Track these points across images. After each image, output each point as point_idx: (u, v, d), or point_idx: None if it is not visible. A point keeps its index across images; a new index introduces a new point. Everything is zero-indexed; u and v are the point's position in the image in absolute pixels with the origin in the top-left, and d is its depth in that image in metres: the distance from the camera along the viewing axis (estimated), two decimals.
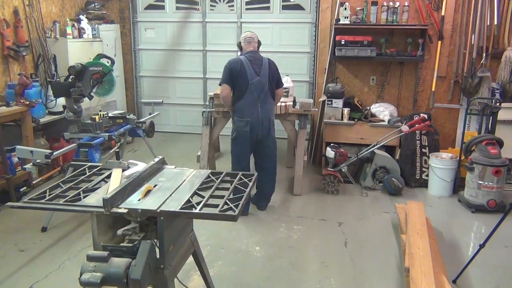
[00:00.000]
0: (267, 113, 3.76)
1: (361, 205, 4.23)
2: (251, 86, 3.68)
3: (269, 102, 3.79)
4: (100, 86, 3.94)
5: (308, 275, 2.99)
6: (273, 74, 3.78)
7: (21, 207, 1.95)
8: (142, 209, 1.83)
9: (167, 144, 6.26)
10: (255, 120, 3.71)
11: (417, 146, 4.78)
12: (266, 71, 3.72)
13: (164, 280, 1.89)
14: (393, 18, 4.87)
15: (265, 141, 3.85)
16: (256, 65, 3.71)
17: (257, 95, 3.70)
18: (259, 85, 3.70)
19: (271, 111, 3.82)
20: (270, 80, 3.74)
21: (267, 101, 3.75)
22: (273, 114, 3.88)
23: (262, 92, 3.71)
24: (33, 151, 3.26)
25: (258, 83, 3.69)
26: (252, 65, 3.69)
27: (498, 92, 4.79)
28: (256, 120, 3.72)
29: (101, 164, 2.44)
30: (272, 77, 3.76)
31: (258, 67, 3.70)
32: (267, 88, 3.73)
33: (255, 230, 3.65)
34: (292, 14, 6.11)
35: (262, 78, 3.70)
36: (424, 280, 2.49)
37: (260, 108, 3.72)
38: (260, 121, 3.73)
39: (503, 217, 2.72)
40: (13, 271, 2.94)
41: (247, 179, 2.24)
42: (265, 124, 3.76)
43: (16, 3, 4.70)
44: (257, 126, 3.74)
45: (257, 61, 3.72)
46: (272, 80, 3.78)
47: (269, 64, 3.77)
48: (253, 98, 3.69)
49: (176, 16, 6.46)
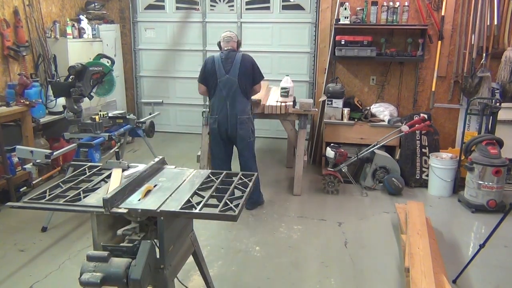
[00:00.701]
0: (234, 111, 3.75)
1: (361, 205, 4.23)
2: (220, 84, 3.73)
3: (239, 100, 3.76)
4: (100, 86, 3.94)
5: (308, 275, 2.99)
6: (245, 71, 3.73)
7: (21, 207, 1.95)
8: (142, 209, 1.83)
9: (167, 144, 6.26)
10: (223, 118, 3.77)
11: (417, 146, 4.78)
12: (236, 69, 3.70)
13: (164, 280, 1.89)
14: (393, 18, 4.87)
15: (235, 140, 3.87)
16: (228, 63, 3.72)
17: (225, 93, 3.73)
18: (228, 82, 3.71)
19: (240, 109, 3.77)
20: (240, 77, 3.71)
21: (236, 99, 3.75)
22: (244, 112, 3.80)
23: (231, 90, 3.72)
24: (33, 151, 3.26)
25: (226, 81, 3.71)
26: (223, 63, 3.71)
27: (498, 92, 4.79)
28: (224, 117, 3.76)
29: (101, 164, 2.44)
30: (244, 74, 3.73)
31: (228, 65, 3.71)
32: (236, 86, 3.72)
33: (255, 230, 3.65)
34: (292, 14, 6.11)
35: (231, 75, 3.70)
36: (424, 280, 2.49)
37: (229, 105, 3.74)
38: (227, 119, 3.76)
39: (503, 217, 2.72)
40: (13, 271, 2.94)
41: (247, 179, 2.25)
42: (232, 122, 3.77)
43: (16, 3, 4.70)
44: (225, 123, 3.78)
45: (229, 59, 3.72)
46: (245, 78, 3.74)
47: (241, 61, 3.73)
48: (222, 96, 3.74)
49: (176, 16, 6.46)
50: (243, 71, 3.73)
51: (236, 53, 3.78)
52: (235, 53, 3.78)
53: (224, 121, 3.78)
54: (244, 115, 3.81)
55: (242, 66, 3.73)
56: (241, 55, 3.77)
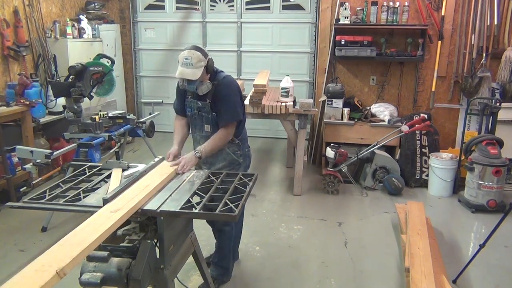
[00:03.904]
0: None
1: (361, 205, 4.22)
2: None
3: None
4: (100, 86, 3.94)
5: (308, 275, 2.99)
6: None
7: (21, 207, 1.95)
8: (142, 209, 1.83)
9: (167, 144, 6.23)
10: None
11: (417, 146, 4.77)
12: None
13: (164, 280, 1.89)
14: (393, 18, 4.87)
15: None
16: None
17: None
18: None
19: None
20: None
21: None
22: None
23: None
24: (33, 151, 3.26)
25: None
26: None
27: (498, 92, 4.78)
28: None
29: (101, 164, 2.44)
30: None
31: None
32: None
33: (255, 230, 3.65)
34: (292, 14, 6.11)
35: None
36: (424, 280, 2.49)
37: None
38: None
39: (503, 217, 2.72)
40: (13, 271, 2.94)
41: (247, 179, 2.25)
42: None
43: (16, 3, 4.70)
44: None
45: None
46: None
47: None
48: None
49: (176, 16, 6.45)
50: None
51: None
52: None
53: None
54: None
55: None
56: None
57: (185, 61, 2.45)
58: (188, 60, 2.44)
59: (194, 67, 2.43)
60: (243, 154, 2.74)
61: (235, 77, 6.29)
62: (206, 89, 2.54)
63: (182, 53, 2.48)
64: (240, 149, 2.71)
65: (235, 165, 2.70)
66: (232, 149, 2.68)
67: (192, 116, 2.67)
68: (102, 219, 1.68)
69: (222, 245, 2.80)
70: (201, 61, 2.45)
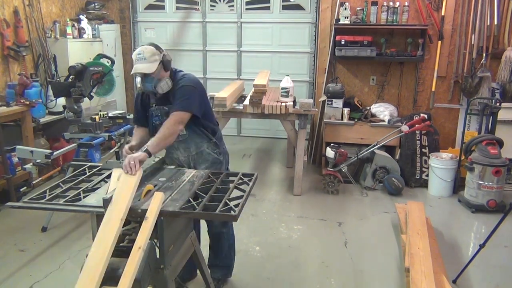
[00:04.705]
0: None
1: (361, 205, 4.22)
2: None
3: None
4: (100, 86, 3.93)
5: (308, 275, 2.99)
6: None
7: (21, 207, 1.95)
8: (142, 209, 1.83)
9: None
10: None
11: (417, 146, 4.77)
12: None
13: (164, 280, 1.88)
14: (393, 18, 4.87)
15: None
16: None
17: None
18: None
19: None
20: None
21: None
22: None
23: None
24: (33, 151, 3.26)
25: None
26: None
27: (498, 92, 4.78)
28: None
29: (101, 164, 2.44)
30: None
31: None
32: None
33: (255, 230, 3.65)
34: (292, 14, 6.10)
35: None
36: (424, 280, 2.49)
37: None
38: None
39: (503, 217, 2.72)
40: (13, 271, 2.94)
41: (247, 179, 2.25)
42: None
43: (16, 3, 4.70)
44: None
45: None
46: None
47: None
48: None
49: (176, 16, 6.45)
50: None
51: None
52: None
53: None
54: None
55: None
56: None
57: (138, 56, 2.33)
58: (141, 55, 2.33)
59: (148, 61, 2.32)
60: (222, 151, 2.67)
61: (235, 77, 6.31)
62: (166, 87, 2.42)
63: (135, 51, 2.38)
64: (218, 147, 2.64)
65: (217, 164, 2.63)
66: (211, 149, 2.61)
67: (161, 124, 2.39)
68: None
69: (221, 246, 2.79)
70: (155, 54, 2.35)
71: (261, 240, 3.48)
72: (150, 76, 2.35)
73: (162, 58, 2.39)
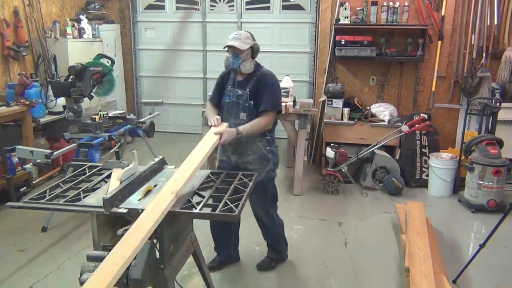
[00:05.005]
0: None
1: (361, 205, 4.22)
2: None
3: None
4: (100, 86, 3.94)
5: (308, 275, 2.99)
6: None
7: (21, 207, 1.95)
8: (142, 209, 1.83)
9: (167, 144, 6.25)
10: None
11: (417, 146, 4.77)
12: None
13: (164, 280, 1.88)
14: (393, 18, 4.87)
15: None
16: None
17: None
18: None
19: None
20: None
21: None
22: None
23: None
24: (33, 151, 3.26)
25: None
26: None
27: (498, 92, 4.78)
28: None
29: (101, 164, 2.44)
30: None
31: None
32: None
33: (255, 230, 3.64)
34: (292, 14, 6.11)
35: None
36: (424, 280, 2.49)
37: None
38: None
39: (503, 217, 2.72)
40: (13, 271, 2.94)
41: (247, 179, 2.25)
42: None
43: (16, 3, 4.70)
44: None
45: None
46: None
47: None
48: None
49: (176, 16, 6.45)
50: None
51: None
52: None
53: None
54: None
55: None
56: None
57: (235, 35, 2.69)
58: (237, 35, 2.69)
59: (241, 41, 2.64)
60: (272, 151, 2.85)
61: None
62: (249, 68, 2.67)
63: (232, 33, 2.72)
64: (270, 145, 2.82)
65: (264, 160, 2.79)
66: (262, 144, 2.76)
67: (230, 103, 2.74)
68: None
69: (269, 232, 3.09)
70: (248, 38, 2.70)
71: (261, 240, 3.47)
72: (239, 55, 2.65)
73: (253, 45, 2.73)
